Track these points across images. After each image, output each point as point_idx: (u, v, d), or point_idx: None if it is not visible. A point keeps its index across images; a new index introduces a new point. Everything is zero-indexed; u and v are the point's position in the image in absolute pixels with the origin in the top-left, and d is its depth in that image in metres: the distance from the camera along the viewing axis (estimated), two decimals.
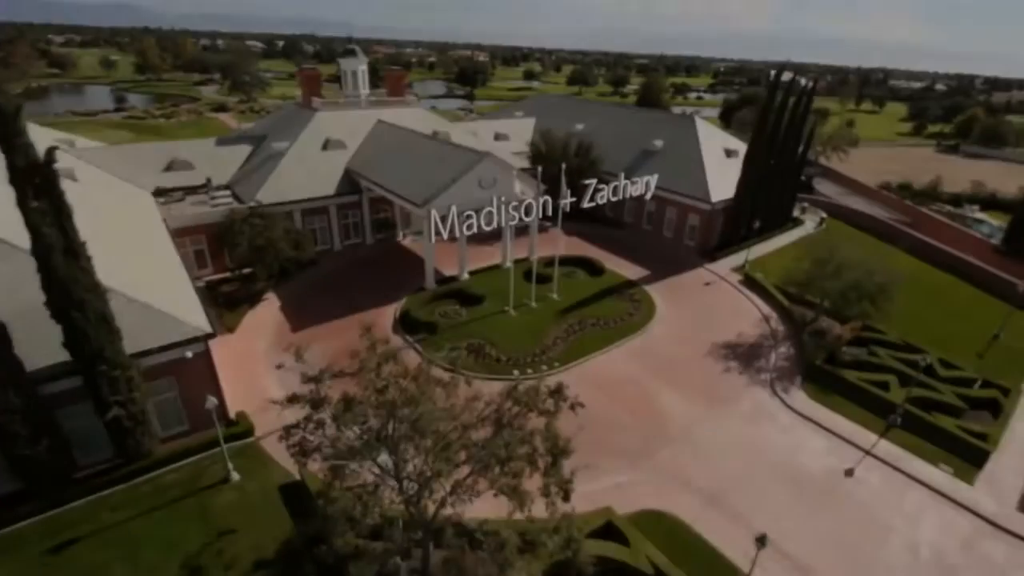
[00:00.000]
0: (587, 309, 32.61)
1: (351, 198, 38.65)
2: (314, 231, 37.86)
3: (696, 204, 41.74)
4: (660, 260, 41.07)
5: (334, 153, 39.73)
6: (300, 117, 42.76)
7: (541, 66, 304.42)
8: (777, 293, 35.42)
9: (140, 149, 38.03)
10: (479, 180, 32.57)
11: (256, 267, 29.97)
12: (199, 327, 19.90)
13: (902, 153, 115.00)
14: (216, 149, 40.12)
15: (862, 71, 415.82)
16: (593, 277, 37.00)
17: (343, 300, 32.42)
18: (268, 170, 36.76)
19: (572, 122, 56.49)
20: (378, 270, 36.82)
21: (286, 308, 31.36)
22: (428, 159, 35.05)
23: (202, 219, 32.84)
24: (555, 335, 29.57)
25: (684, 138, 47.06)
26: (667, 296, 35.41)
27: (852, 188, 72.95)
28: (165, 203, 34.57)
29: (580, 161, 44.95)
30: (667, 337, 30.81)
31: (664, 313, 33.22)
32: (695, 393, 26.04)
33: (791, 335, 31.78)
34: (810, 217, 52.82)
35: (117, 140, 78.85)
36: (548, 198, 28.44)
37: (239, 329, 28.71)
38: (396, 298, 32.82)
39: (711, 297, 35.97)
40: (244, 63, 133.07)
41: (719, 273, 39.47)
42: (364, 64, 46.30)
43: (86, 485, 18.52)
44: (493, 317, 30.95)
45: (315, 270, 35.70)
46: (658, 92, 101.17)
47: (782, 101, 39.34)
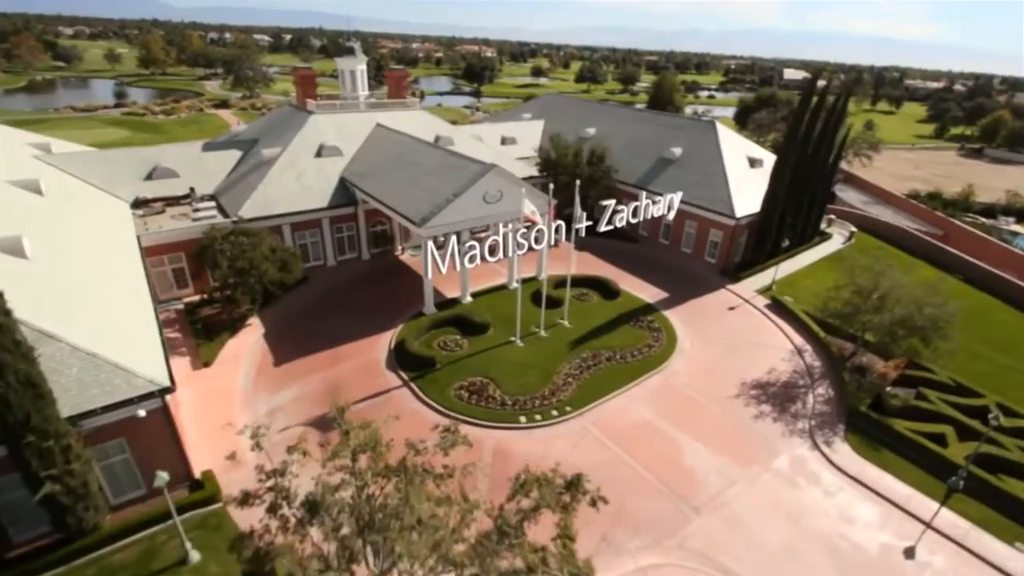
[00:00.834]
0: (602, 339, 29.60)
1: (346, 210, 35.74)
2: (305, 246, 35.04)
3: (719, 219, 38.54)
4: (679, 280, 37.94)
5: (328, 160, 36.84)
6: (294, 120, 39.88)
7: (549, 63, 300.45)
8: (810, 321, 32.28)
9: (121, 155, 35.26)
10: (484, 195, 29.60)
11: (237, 292, 27.14)
12: (155, 380, 17.07)
13: (924, 157, 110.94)
14: (203, 155, 37.31)
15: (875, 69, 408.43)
16: (607, 300, 33.95)
17: (333, 326, 29.58)
18: (255, 180, 33.91)
19: (583, 125, 53.43)
20: (374, 289, 33.94)
21: (271, 335, 28.53)
22: (429, 169, 32.08)
23: (181, 235, 30.03)
24: (567, 371, 26.60)
25: (704, 145, 43.82)
26: (688, 323, 32.34)
27: (877, 196, 69.38)
28: (144, 216, 31.80)
29: (593, 170, 41.92)
30: (690, 373, 27.76)
31: (686, 344, 30.16)
32: (726, 446, 23.01)
33: (828, 371, 28.66)
34: (838, 230, 49.46)
35: (113, 138, 76.54)
36: (561, 223, 25.33)
37: (216, 361, 25.89)
38: (392, 324, 29.96)
39: (736, 324, 32.85)
40: (247, 57, 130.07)
41: (743, 296, 36.32)
42: (363, 64, 43.31)
43: (20, 568, 15.78)
44: (498, 349, 28.02)
45: (305, 289, 32.91)
46: (671, 91, 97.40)
47: (815, 107, 35.99)
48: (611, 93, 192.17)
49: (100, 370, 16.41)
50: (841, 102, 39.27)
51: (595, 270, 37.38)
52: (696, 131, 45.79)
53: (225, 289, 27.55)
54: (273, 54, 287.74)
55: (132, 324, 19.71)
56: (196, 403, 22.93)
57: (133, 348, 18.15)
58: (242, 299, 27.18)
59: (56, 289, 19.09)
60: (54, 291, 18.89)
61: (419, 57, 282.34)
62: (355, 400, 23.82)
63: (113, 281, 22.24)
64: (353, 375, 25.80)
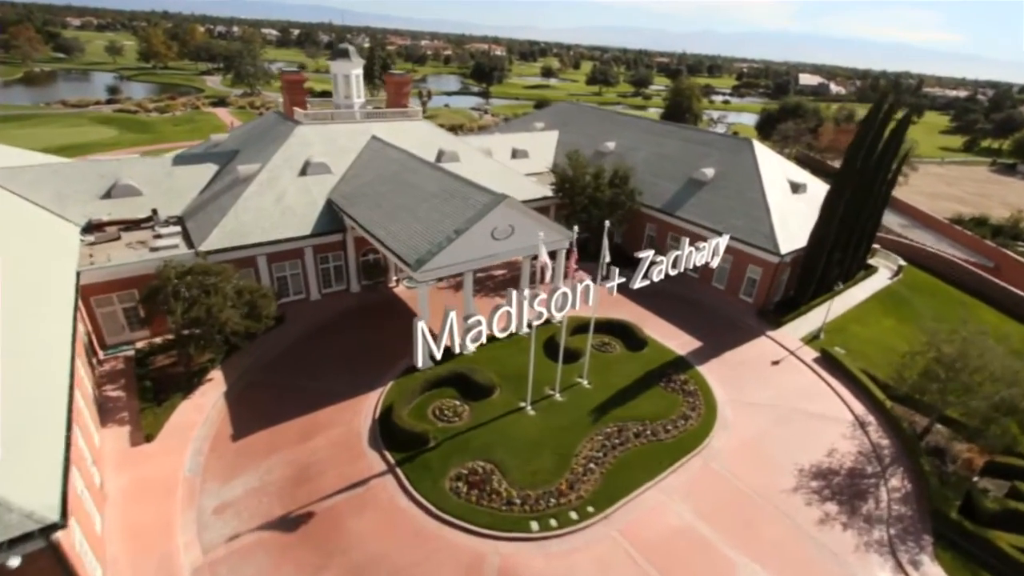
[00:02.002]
0: (628, 405, 24.88)
1: (333, 238, 31.13)
2: (284, 279, 30.51)
3: (759, 255, 33.67)
4: (711, 322, 33.13)
5: (314, 180, 32.22)
6: (278, 131, 35.30)
7: (560, 63, 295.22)
8: (871, 384, 27.48)
9: (75, 169, 30.71)
10: (492, 230, 24.93)
11: (191, 346, 22.53)
12: (36, 514, 12.45)
13: (955, 173, 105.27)
14: (172, 169, 32.77)
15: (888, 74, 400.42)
16: (632, 351, 29.22)
17: (310, 382, 24.99)
18: (227, 203, 29.35)
19: (601, 138, 48.68)
20: (362, 331, 29.31)
21: (233, 394, 23.93)
22: (428, 196, 27.41)
23: (133, 270, 25.49)
24: (588, 452, 21.88)
25: (739, 166, 38.96)
26: (727, 382, 27.58)
27: (915, 218, 64.24)
28: (94, 243, 27.29)
29: (615, 192, 37.14)
30: (735, 455, 22.97)
31: (727, 412, 25.38)
32: (790, 569, 18.25)
33: (900, 454, 23.82)
34: (883, 262, 44.51)
35: (98, 137, 72.26)
36: (589, 283, 20.57)
37: (162, 434, 21.29)
38: (379, 381, 25.35)
39: (783, 384, 28.03)
40: (249, 52, 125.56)
41: (787, 345, 31.50)
42: (359, 68, 38.65)
43: None
44: (505, 420, 23.31)
45: (282, 331, 28.33)
46: (690, 98, 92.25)
47: (877, 131, 31.06)
48: (623, 96, 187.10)
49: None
50: (903, 121, 34.28)
51: (615, 308, 32.59)
52: (730, 149, 40.91)
53: (179, 342, 22.94)
54: (280, 49, 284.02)
55: (25, 420, 14.95)
56: (127, 498, 18.37)
57: (18, 460, 13.52)
58: (196, 355, 22.55)
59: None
60: None
61: (427, 55, 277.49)
62: (326, 495, 19.28)
63: (15, 350, 17.43)
64: (328, 454, 21.16)
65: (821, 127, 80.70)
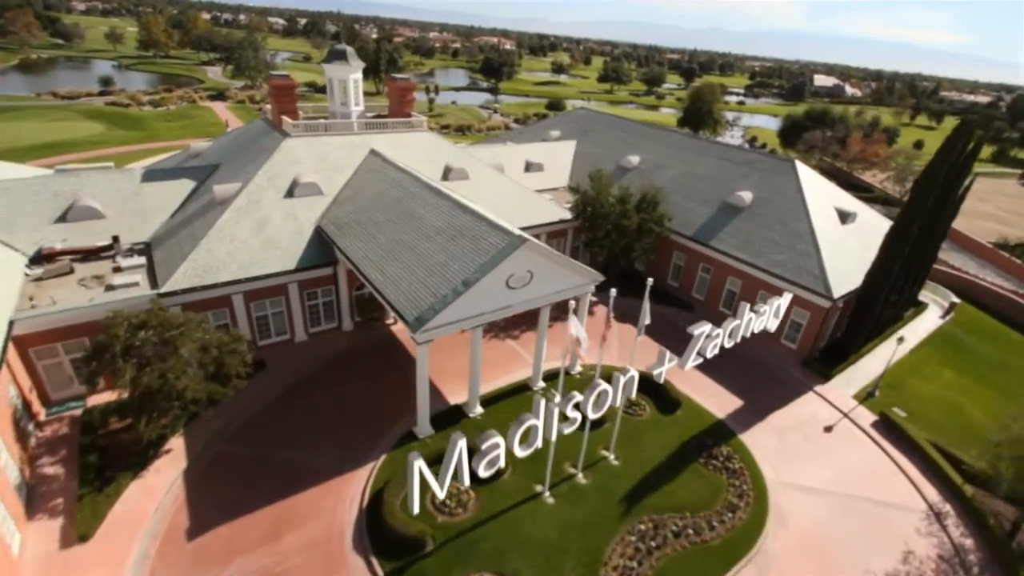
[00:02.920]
0: (664, 491, 20.94)
1: (322, 272, 27.19)
2: (265, 319, 26.62)
3: (806, 296, 29.57)
4: (749, 374, 29.11)
5: (303, 202, 28.23)
6: (264, 143, 31.28)
7: (570, 58, 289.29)
8: (946, 465, 23.48)
9: (27, 187, 26.67)
10: (508, 278, 20.93)
11: (141, 422, 18.60)
12: None
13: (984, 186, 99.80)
14: (141, 187, 28.81)
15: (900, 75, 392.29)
16: (664, 414, 25.25)
17: (287, 454, 21.11)
18: (198, 232, 25.38)
19: (623, 151, 44.53)
20: (353, 382, 25.41)
21: (194, 473, 20.05)
22: (433, 232, 23.38)
23: (82, 315, 21.61)
24: (619, 559, 17.99)
25: (781, 191, 34.79)
26: (775, 456, 23.61)
27: (952, 239, 59.76)
28: (42, 278, 23.40)
29: (644, 218, 33.09)
30: (795, 561, 19.01)
31: (781, 501, 21.41)
32: None
33: (989, 559, 19.88)
34: (931, 296, 40.34)
35: (84, 134, 68.23)
36: (633, 373, 16.58)
37: (101, 531, 17.42)
38: (370, 453, 21.50)
39: (841, 461, 23.99)
40: (250, 43, 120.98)
41: (839, 404, 27.52)
42: (358, 72, 34.49)
43: None
44: (518, 511, 19.40)
45: (259, 382, 24.43)
46: (711, 102, 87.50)
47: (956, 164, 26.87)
48: (635, 94, 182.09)
49: None
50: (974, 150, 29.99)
51: (643, 356, 28.54)
52: (769, 170, 36.69)
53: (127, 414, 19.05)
54: (287, 38, 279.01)
55: None
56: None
57: None
58: (146, 432, 18.65)
59: None
60: None
61: (435, 47, 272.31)
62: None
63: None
64: (302, 560, 17.30)
65: (849, 136, 76.05)
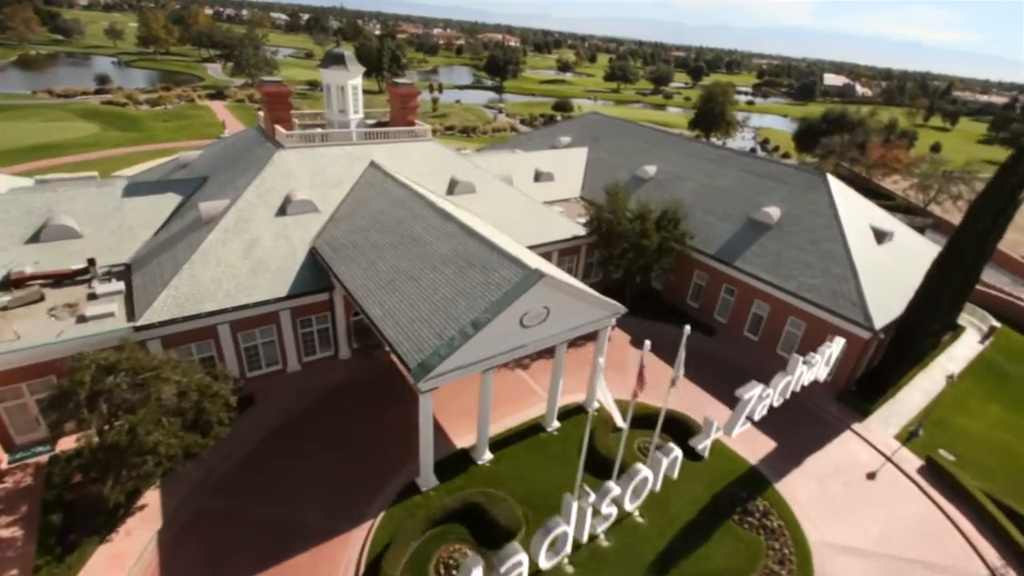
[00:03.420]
0: (695, 555, 18.66)
1: (317, 298, 24.94)
2: (254, 349, 24.41)
3: (844, 326, 27.18)
4: (781, 409, 25.83)
5: (296, 221, 25.98)
6: (255, 155, 29.02)
7: (575, 55, 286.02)
8: (1004, 519, 21.19)
9: (2, 203, 24.50)
10: (522, 317, 18.66)
11: (107, 484, 16.40)
12: None
13: None
14: (122, 203, 26.61)
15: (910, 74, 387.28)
16: (692, 460, 22.88)
17: (274, 511, 18.92)
18: (181, 256, 23.15)
19: (639, 159, 42.19)
20: (349, 421, 23.20)
21: (169, 536, 17.87)
22: (439, 262, 21.11)
23: (47, 353, 19.44)
24: None
25: (812, 208, 32.39)
26: (816, 510, 21.30)
27: None
28: (8, 307, 21.24)
29: (665, 236, 30.79)
30: None
31: (826, 567, 19.03)
32: None
33: None
34: (968, 318, 37.89)
35: (77, 135, 66.03)
36: (677, 453, 14.35)
37: None
38: (368, 509, 19.28)
39: (888, 515, 21.65)
40: (251, 39, 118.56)
41: (880, 446, 25.16)
42: (357, 77, 32.16)
43: None
44: None
45: (246, 419, 22.26)
46: (724, 104, 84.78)
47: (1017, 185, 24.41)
48: (642, 93, 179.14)
49: None
50: None
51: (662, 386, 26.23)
52: (799, 185, 34.25)
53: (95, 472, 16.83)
54: (289, 35, 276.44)
55: None
56: None
57: None
58: (112, 495, 16.44)
59: None
60: None
61: (439, 44, 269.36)
62: None
63: None
64: None
65: (868, 142, 73.33)
